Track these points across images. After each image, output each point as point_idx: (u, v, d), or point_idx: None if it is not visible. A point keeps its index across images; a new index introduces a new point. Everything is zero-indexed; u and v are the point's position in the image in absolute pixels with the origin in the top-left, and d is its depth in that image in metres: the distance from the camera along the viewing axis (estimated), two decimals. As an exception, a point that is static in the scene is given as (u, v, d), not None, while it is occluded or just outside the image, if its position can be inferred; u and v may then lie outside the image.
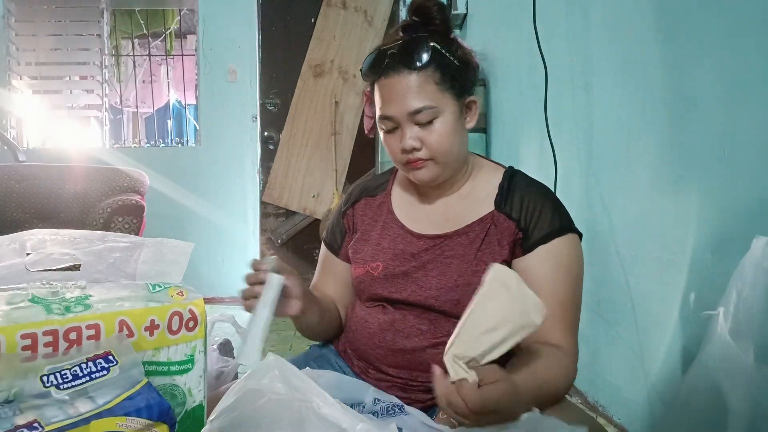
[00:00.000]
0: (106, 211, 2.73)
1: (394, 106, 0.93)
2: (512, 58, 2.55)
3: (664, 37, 1.46)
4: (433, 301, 0.95)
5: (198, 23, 3.97)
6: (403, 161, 0.96)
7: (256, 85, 3.81)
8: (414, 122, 0.93)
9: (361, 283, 1.03)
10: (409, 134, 0.93)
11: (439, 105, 0.92)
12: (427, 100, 0.92)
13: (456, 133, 0.95)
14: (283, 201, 3.77)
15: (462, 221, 0.99)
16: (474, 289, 0.92)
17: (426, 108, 0.92)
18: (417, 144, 0.93)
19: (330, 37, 3.76)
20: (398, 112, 0.93)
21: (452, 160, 0.97)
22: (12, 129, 4.00)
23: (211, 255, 3.92)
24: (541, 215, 0.94)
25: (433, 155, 0.94)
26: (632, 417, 1.64)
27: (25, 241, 0.73)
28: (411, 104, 0.92)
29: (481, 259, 0.94)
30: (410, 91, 0.92)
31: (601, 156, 1.82)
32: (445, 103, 0.93)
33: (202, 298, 0.71)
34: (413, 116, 0.92)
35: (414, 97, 0.92)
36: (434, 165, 0.95)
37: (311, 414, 0.61)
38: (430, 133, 0.93)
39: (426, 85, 0.92)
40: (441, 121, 0.93)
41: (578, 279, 0.95)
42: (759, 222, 1.12)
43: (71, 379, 0.57)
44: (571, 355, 0.91)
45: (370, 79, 0.98)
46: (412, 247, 1.00)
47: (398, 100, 0.93)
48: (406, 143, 0.93)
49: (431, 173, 0.96)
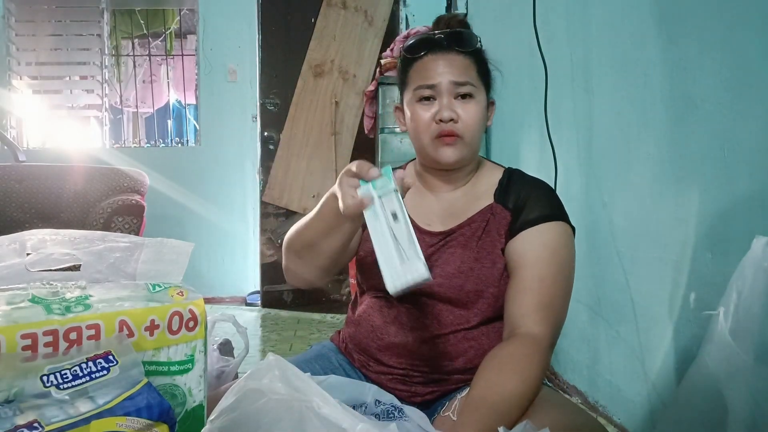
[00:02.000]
0: (106, 211, 2.73)
1: (439, 75, 0.98)
2: (512, 58, 2.55)
3: (664, 37, 1.46)
4: (438, 288, 0.96)
5: (198, 23, 3.97)
6: (435, 133, 0.98)
7: (256, 85, 3.80)
8: (455, 94, 0.98)
9: (365, 265, 1.04)
10: (448, 105, 0.97)
11: (477, 87, 1.00)
12: (471, 78, 0.99)
13: (482, 121, 1.01)
14: (283, 201, 3.77)
15: (464, 215, 1.02)
16: (477, 275, 0.95)
17: (470, 83, 0.98)
18: (454, 115, 0.97)
19: (330, 37, 3.76)
20: (444, 80, 0.98)
21: (476, 145, 1.02)
22: (12, 129, 3.99)
23: (211, 255, 3.92)
24: (532, 201, 0.98)
25: (464, 131, 0.98)
26: (632, 417, 1.64)
27: (25, 241, 0.72)
28: (458, 76, 0.98)
29: (482, 247, 0.98)
30: (458, 66, 0.99)
31: (601, 156, 1.82)
32: (480, 90, 1.01)
33: (202, 298, 0.71)
34: (457, 87, 0.98)
35: (461, 71, 0.99)
36: (462, 145, 0.99)
37: (311, 414, 0.61)
38: (466, 108, 0.98)
39: (470, 68, 1.00)
40: (476, 101, 0.99)
41: (564, 265, 0.96)
42: (759, 222, 1.12)
43: (71, 379, 0.57)
44: (540, 345, 0.88)
45: (416, 53, 1.02)
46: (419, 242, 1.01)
47: (445, 72, 0.98)
48: (444, 113, 0.97)
49: (458, 153, 0.99)
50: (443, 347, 0.96)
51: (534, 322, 0.89)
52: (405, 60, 1.04)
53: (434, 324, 0.97)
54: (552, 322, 0.91)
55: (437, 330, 0.96)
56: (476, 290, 0.95)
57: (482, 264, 0.96)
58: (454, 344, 0.96)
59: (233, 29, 3.91)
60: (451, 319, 0.96)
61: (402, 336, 0.98)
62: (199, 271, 3.81)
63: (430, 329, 0.96)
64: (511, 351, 0.87)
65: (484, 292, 0.96)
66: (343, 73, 3.76)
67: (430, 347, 0.96)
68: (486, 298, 0.96)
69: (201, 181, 3.93)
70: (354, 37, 3.76)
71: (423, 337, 0.97)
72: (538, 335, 0.89)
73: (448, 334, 0.96)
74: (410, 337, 0.97)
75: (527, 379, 0.84)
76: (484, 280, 0.96)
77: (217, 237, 3.92)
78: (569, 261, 0.97)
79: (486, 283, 0.96)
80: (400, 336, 0.98)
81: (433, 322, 0.97)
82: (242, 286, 4.00)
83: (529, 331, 0.89)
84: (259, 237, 3.82)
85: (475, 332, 0.96)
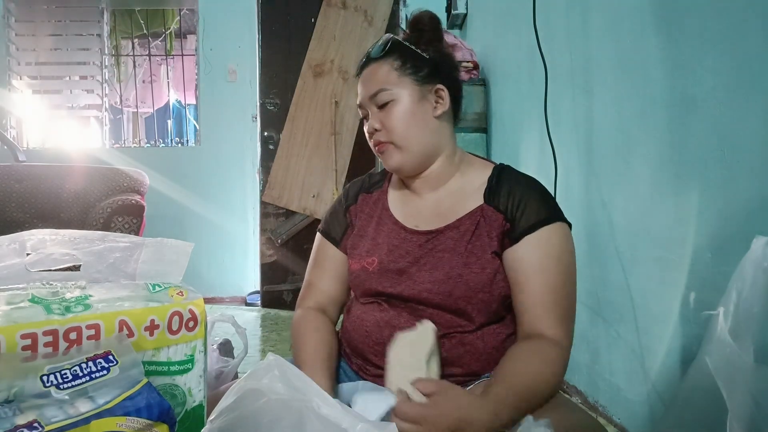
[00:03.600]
0: (106, 211, 2.73)
1: (360, 95, 1.04)
2: (512, 58, 2.55)
3: (664, 36, 1.46)
4: (426, 294, 0.96)
5: (198, 23, 3.97)
6: (373, 146, 1.04)
7: (256, 85, 3.80)
8: (375, 105, 1.01)
9: (357, 278, 1.04)
10: (371, 117, 1.03)
11: (395, 88, 1.00)
12: (384, 83, 1.00)
13: (414, 117, 1.00)
14: (283, 201, 3.77)
15: (453, 215, 1.01)
16: (465, 281, 0.95)
17: (382, 90, 1.00)
18: (377, 125, 1.01)
19: (330, 37, 3.76)
20: (362, 97, 1.03)
21: (413, 144, 1.01)
22: (12, 129, 4.00)
23: (211, 255, 3.92)
24: (527, 205, 0.96)
25: (391, 137, 1.01)
26: (632, 417, 1.64)
27: (25, 241, 0.73)
28: (370, 88, 1.01)
29: (472, 251, 0.96)
30: (371, 76, 1.02)
31: (601, 156, 1.82)
32: (404, 87, 1.00)
33: (202, 298, 0.71)
34: (373, 99, 1.01)
35: (373, 81, 1.02)
36: (395, 150, 1.01)
37: (311, 414, 0.61)
38: (387, 115, 1.00)
39: (387, 73, 1.01)
40: (398, 103, 1.00)
41: (569, 267, 0.96)
42: (759, 222, 1.12)
43: (71, 379, 0.57)
44: (561, 346, 0.91)
45: (358, 77, 1.07)
46: (406, 243, 1.01)
47: (363, 89, 1.04)
48: (368, 125, 1.03)
49: (395, 159, 1.02)
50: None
51: (555, 334, 0.91)
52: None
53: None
54: (570, 332, 0.94)
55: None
56: (465, 296, 0.94)
57: (471, 269, 0.95)
58: (449, 348, 0.95)
59: (233, 29, 3.91)
60: (442, 323, 0.95)
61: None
62: (199, 271, 3.81)
63: None
64: (546, 349, 0.90)
65: (473, 298, 0.94)
66: (343, 73, 3.75)
67: None
68: (475, 304, 0.95)
69: (201, 181, 3.93)
70: (354, 37, 3.76)
71: None
72: (559, 340, 0.91)
73: (442, 337, 0.95)
74: None
75: (557, 380, 0.89)
76: (473, 286, 0.94)
77: (217, 237, 3.93)
78: (573, 263, 0.97)
79: (475, 289, 0.94)
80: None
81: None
82: (242, 286, 4.00)
83: (550, 337, 0.91)
84: (259, 237, 3.82)
85: (470, 336, 0.96)
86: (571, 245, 0.98)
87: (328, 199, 3.74)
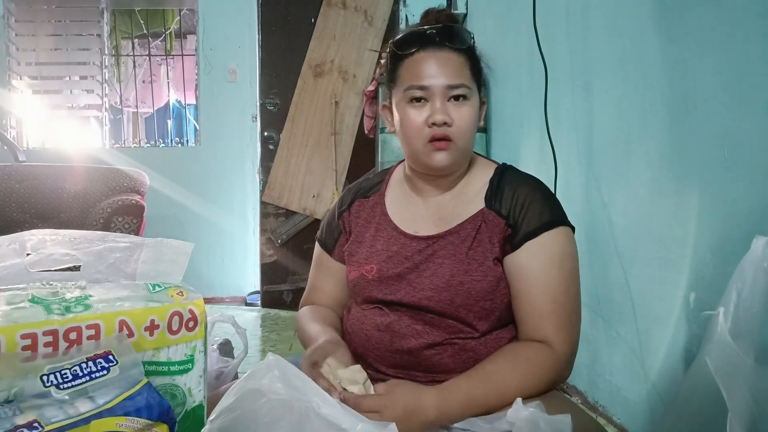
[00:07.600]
0: (106, 211, 2.73)
1: (432, 77, 0.93)
2: (512, 58, 2.55)
3: (664, 36, 1.46)
4: (427, 301, 0.94)
5: (198, 23, 3.97)
6: (427, 137, 0.94)
7: (256, 85, 3.80)
8: (448, 97, 0.93)
9: (356, 286, 1.03)
10: (441, 108, 0.93)
11: (471, 88, 0.95)
12: (465, 79, 0.94)
13: (475, 123, 0.96)
14: (283, 201, 3.77)
15: (454, 220, 0.98)
16: (467, 288, 0.93)
17: (464, 86, 0.93)
18: (448, 119, 0.92)
19: (330, 37, 3.76)
20: (437, 83, 0.93)
21: (468, 149, 0.98)
22: (12, 129, 4.00)
23: (211, 255, 3.92)
24: (529, 209, 0.94)
25: (458, 136, 0.93)
26: (632, 417, 1.64)
27: (25, 242, 0.73)
28: (452, 78, 0.93)
29: (473, 257, 0.94)
30: (452, 66, 0.93)
31: (601, 156, 1.82)
32: (473, 91, 0.95)
33: (202, 298, 0.71)
34: (450, 90, 0.93)
35: (455, 72, 0.93)
36: (455, 149, 0.95)
37: (311, 414, 0.61)
38: (460, 111, 0.93)
39: (464, 68, 0.95)
40: (470, 104, 0.94)
41: (572, 273, 0.94)
42: (759, 222, 1.12)
43: (71, 379, 0.57)
44: (555, 351, 0.90)
45: (406, 50, 0.96)
46: (405, 249, 0.99)
47: (438, 73, 0.93)
48: (437, 117, 0.92)
49: (451, 158, 0.95)
50: (439, 357, 0.94)
51: (552, 341, 0.90)
52: (394, 56, 0.98)
53: (428, 333, 0.95)
54: (572, 339, 0.92)
55: (432, 339, 0.94)
56: (466, 304, 0.93)
57: (472, 277, 0.93)
58: (451, 355, 0.94)
59: (233, 29, 3.91)
60: (444, 328, 0.94)
61: (396, 345, 0.96)
62: (199, 271, 3.81)
63: (425, 338, 0.94)
64: (540, 354, 0.89)
65: (474, 306, 0.93)
66: (343, 73, 3.76)
67: (426, 356, 0.94)
68: (477, 312, 0.93)
69: (201, 181, 3.93)
70: (354, 37, 3.76)
71: (418, 345, 0.94)
72: (557, 346, 0.90)
73: (444, 344, 0.94)
74: (404, 346, 0.95)
75: (546, 383, 0.88)
76: (474, 294, 0.92)
77: (217, 237, 3.93)
78: (576, 268, 0.95)
79: (476, 297, 0.93)
80: (394, 345, 0.96)
81: (428, 331, 0.95)
82: (242, 286, 4.00)
83: (546, 343, 0.91)
84: (259, 237, 3.82)
85: (473, 343, 0.94)
86: (574, 250, 0.96)
87: (328, 199, 3.74)
